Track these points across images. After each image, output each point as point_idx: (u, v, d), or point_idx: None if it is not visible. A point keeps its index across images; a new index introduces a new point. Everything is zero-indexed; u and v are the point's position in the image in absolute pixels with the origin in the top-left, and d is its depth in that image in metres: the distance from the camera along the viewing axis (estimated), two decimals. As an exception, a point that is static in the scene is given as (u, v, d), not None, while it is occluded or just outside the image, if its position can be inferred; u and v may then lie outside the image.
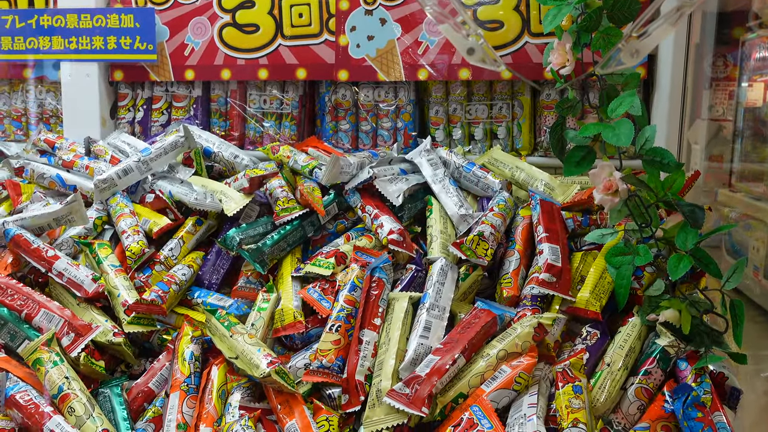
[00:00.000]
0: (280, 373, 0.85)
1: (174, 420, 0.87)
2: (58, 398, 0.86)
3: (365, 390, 0.86)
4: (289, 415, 0.83)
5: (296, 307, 0.99)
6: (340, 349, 0.90)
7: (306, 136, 1.37)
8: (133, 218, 1.13)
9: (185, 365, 0.92)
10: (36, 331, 0.96)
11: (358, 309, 0.94)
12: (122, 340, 0.97)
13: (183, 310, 1.04)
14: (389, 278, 0.97)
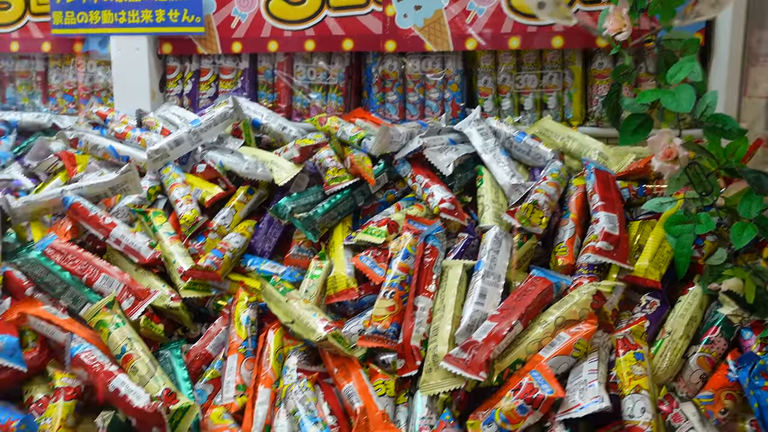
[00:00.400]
0: (337, 337, 0.86)
1: (233, 381, 0.88)
2: (121, 358, 0.88)
3: (421, 355, 0.86)
4: (346, 378, 0.84)
5: (349, 275, 0.99)
6: (395, 315, 0.91)
7: (352, 108, 1.37)
8: (186, 187, 1.14)
9: (242, 329, 0.93)
10: (97, 295, 0.98)
11: (411, 276, 0.94)
12: (179, 304, 0.99)
13: (237, 277, 1.05)
14: (442, 246, 0.97)
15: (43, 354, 0.95)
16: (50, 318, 0.94)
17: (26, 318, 0.96)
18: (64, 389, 0.88)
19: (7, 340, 0.92)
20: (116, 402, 0.83)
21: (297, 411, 0.79)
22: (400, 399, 0.86)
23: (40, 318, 0.95)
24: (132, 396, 0.82)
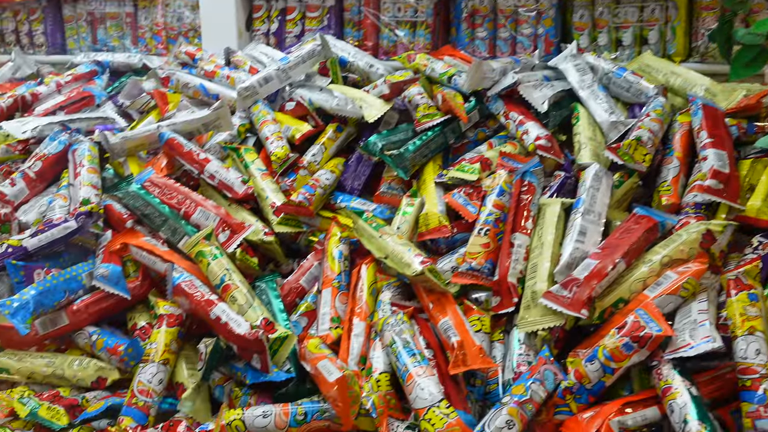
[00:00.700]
0: (433, 271, 0.85)
1: (328, 314, 0.90)
2: (220, 288, 0.90)
3: (518, 292, 0.85)
4: (441, 313, 0.84)
5: (440, 212, 0.98)
6: (490, 252, 0.89)
7: (440, 45, 1.34)
8: (276, 125, 1.15)
9: (335, 263, 0.94)
10: (194, 228, 1.00)
11: (506, 214, 0.92)
12: (273, 239, 1.00)
13: (328, 213, 1.05)
14: (539, 183, 0.94)
15: (145, 283, 0.99)
16: (151, 249, 0.97)
17: (128, 248, 0.99)
18: (167, 316, 0.91)
19: (112, 268, 0.96)
20: (217, 329, 0.85)
21: (394, 343, 0.80)
22: (495, 336, 0.86)
23: (142, 248, 0.98)
24: (233, 324, 0.83)
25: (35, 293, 0.91)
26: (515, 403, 0.72)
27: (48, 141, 1.18)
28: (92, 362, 0.92)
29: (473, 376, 0.81)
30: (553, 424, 0.75)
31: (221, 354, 0.85)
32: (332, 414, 0.75)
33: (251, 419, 0.77)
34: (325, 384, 0.73)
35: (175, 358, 0.90)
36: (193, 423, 0.84)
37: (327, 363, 0.77)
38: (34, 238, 0.98)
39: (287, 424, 0.76)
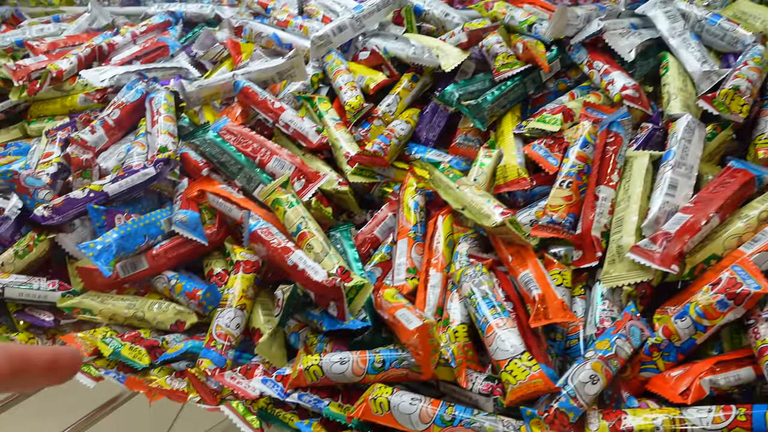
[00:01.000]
0: (514, 223, 0.83)
1: (404, 264, 0.89)
2: (296, 236, 0.90)
3: (602, 246, 0.82)
4: (521, 266, 0.81)
5: (519, 164, 0.95)
6: (572, 205, 0.86)
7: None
8: (349, 75, 1.13)
9: (411, 214, 0.93)
10: (269, 176, 1.00)
11: (590, 166, 0.88)
12: (347, 189, 1.00)
13: (402, 165, 1.04)
14: (626, 134, 0.90)
15: (221, 230, 1.00)
16: (228, 196, 0.98)
17: (205, 195, 1.00)
18: (243, 263, 0.91)
19: (190, 214, 0.97)
20: (294, 276, 0.85)
21: (473, 294, 0.78)
22: (576, 291, 0.83)
23: (218, 195, 0.98)
24: (310, 271, 0.83)
25: (117, 236, 0.93)
26: (600, 358, 0.70)
27: (125, 90, 1.20)
28: (171, 306, 0.94)
29: (553, 330, 0.79)
30: (638, 381, 0.72)
31: (298, 301, 0.85)
32: (411, 363, 0.74)
33: (329, 365, 0.77)
34: (405, 332, 0.73)
35: (252, 304, 0.91)
36: (270, 367, 0.85)
37: (406, 311, 0.76)
38: (115, 183, 1.00)
39: (365, 371, 0.76)
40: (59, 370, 0.34)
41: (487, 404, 0.71)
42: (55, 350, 0.34)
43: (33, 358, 0.32)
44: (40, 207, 0.99)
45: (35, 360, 0.32)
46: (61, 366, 0.34)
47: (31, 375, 0.32)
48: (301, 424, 0.78)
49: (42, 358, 0.33)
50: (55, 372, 0.33)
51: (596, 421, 0.67)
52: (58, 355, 0.34)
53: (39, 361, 0.32)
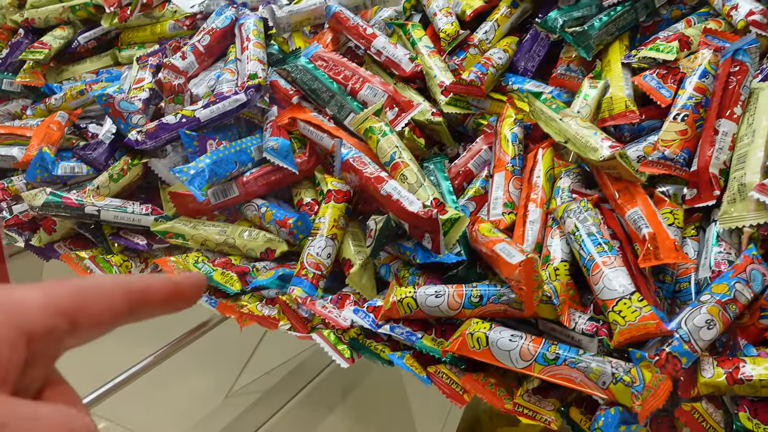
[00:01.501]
0: (624, 157, 0.77)
1: (501, 198, 0.85)
2: (390, 166, 0.87)
3: (720, 185, 0.76)
4: (630, 203, 0.76)
5: (627, 96, 0.89)
6: (687, 140, 0.80)
7: None
8: (444, 0, 1.08)
9: (509, 146, 0.88)
10: (360, 105, 0.98)
11: (709, 99, 0.82)
12: (441, 119, 0.96)
13: (499, 96, 0.99)
14: (753, 64, 0.82)
15: (311, 160, 0.98)
16: (319, 124, 0.96)
17: (296, 123, 0.98)
18: (335, 192, 0.90)
19: (281, 142, 0.95)
20: (388, 206, 0.82)
21: (577, 230, 0.74)
22: (687, 232, 0.78)
23: (310, 123, 0.96)
24: (405, 201, 0.81)
25: (210, 162, 0.93)
26: (717, 302, 0.65)
27: (215, 15, 1.18)
28: (261, 234, 0.93)
29: (662, 272, 0.74)
30: (757, 329, 0.67)
31: (391, 232, 0.83)
32: (511, 298, 0.71)
33: (423, 297, 0.75)
34: (507, 266, 0.69)
35: (342, 234, 0.89)
36: (360, 298, 0.84)
37: (506, 246, 0.72)
38: (206, 109, 0.99)
39: (461, 305, 0.73)
40: (180, 301, 0.33)
41: (591, 345, 0.68)
42: (176, 281, 0.33)
43: (153, 291, 0.31)
44: (133, 131, 1.00)
45: (155, 293, 0.31)
46: (182, 297, 0.33)
47: (150, 308, 0.31)
48: (393, 356, 0.77)
49: (163, 291, 0.32)
50: (175, 303, 0.32)
51: (710, 368, 0.63)
52: (179, 286, 0.32)
53: (159, 294, 0.31)
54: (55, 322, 0.27)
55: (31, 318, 0.26)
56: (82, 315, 0.28)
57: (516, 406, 0.68)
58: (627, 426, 0.61)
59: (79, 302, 0.28)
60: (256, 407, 1.35)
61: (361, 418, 1.36)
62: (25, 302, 0.26)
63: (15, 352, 0.25)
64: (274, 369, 1.52)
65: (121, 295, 0.29)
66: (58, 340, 0.27)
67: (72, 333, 0.28)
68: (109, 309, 0.29)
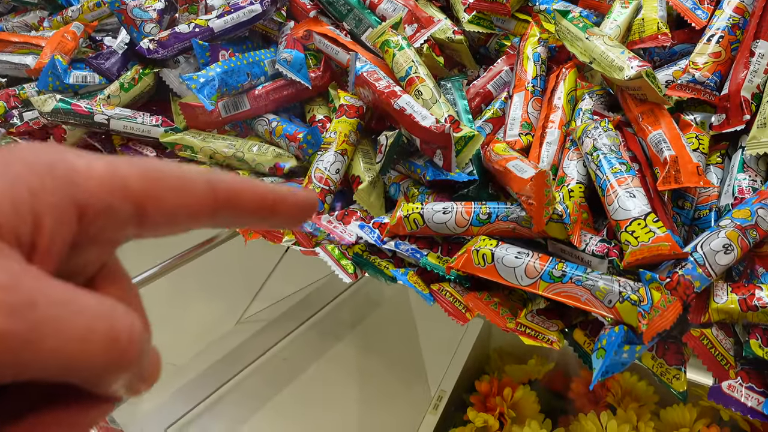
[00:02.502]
0: (650, 76, 0.73)
1: (519, 118, 0.81)
2: (405, 81, 0.84)
3: (751, 110, 0.72)
4: (653, 125, 0.73)
5: (661, 18, 0.84)
6: (720, 63, 0.75)
7: None
8: None
9: (531, 65, 0.84)
10: (379, 19, 0.94)
11: (747, 20, 0.77)
12: (462, 38, 0.92)
13: (524, 17, 0.94)
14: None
15: (326, 75, 0.95)
16: (335, 37, 0.92)
17: (312, 36, 0.94)
18: (347, 107, 0.87)
19: (295, 54, 0.92)
20: (400, 120, 0.79)
21: (596, 150, 0.71)
22: (712, 159, 0.74)
23: (325, 36, 0.93)
24: (418, 116, 0.78)
25: (220, 71, 0.90)
26: (737, 227, 0.62)
27: (234, -74, 1.14)
28: (271, 148, 0.91)
29: (682, 197, 0.71)
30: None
31: (402, 147, 0.81)
32: (520, 216, 0.68)
33: (431, 213, 0.72)
34: (518, 181, 0.66)
35: (353, 150, 0.87)
36: (367, 216, 0.82)
37: (518, 162, 0.69)
38: (220, 19, 0.96)
39: (468, 222, 0.71)
40: (276, 217, 0.28)
41: (601, 266, 0.65)
42: (277, 193, 0.28)
43: (245, 197, 0.26)
44: (145, 40, 0.97)
45: (247, 200, 0.26)
46: (280, 213, 0.28)
47: (238, 216, 0.26)
48: (396, 272, 0.75)
49: (258, 200, 0.27)
50: (271, 218, 0.28)
51: (724, 294, 0.60)
52: (279, 199, 0.27)
53: (252, 203, 0.26)
54: (117, 204, 0.22)
55: (87, 190, 0.22)
56: (152, 204, 0.23)
57: (518, 325, 0.66)
58: (631, 346, 0.58)
59: (151, 188, 0.23)
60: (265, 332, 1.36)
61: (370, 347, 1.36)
62: (85, 172, 0.22)
63: (62, 226, 0.21)
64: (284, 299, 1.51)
65: (205, 192, 0.25)
66: (119, 226, 0.23)
67: (138, 222, 0.23)
68: (187, 204, 0.24)
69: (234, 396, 1.29)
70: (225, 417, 1.24)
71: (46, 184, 0.21)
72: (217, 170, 0.26)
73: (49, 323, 0.18)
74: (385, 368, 1.37)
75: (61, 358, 0.18)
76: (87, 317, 0.19)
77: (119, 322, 0.20)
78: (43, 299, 0.18)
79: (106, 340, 0.19)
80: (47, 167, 0.21)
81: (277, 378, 1.33)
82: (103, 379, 0.20)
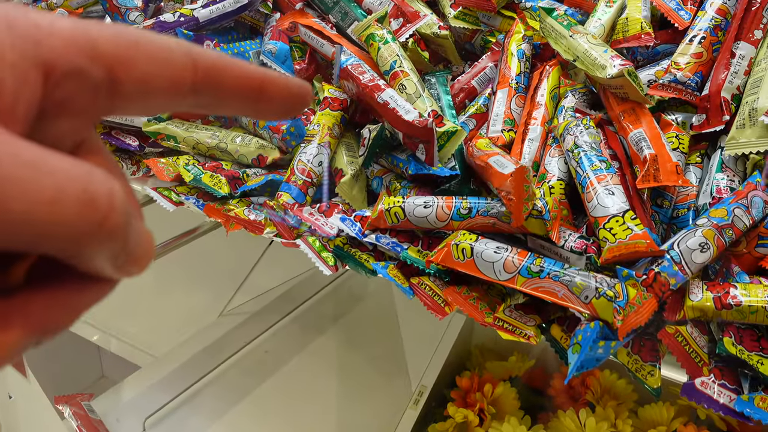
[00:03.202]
0: (632, 75, 0.74)
1: (501, 114, 0.82)
2: (389, 75, 0.84)
3: (730, 110, 0.72)
4: (634, 123, 0.73)
5: (644, 18, 0.85)
6: (701, 63, 0.76)
7: None
8: None
9: (515, 62, 0.85)
10: (365, 12, 0.94)
11: (729, 22, 0.77)
12: (448, 33, 0.92)
13: (510, 13, 0.94)
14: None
15: (310, 68, 0.95)
16: (321, 29, 0.92)
17: (297, 28, 0.94)
18: (331, 99, 0.87)
19: (280, 45, 0.92)
20: (384, 114, 0.79)
21: (576, 147, 0.71)
22: (691, 158, 0.75)
23: (311, 29, 0.93)
24: (401, 110, 0.78)
25: (205, 61, 0.89)
26: (713, 225, 0.63)
27: None
28: (254, 140, 0.91)
29: (661, 196, 0.71)
30: (753, 257, 0.65)
31: (385, 141, 0.81)
32: (500, 211, 0.69)
33: (411, 207, 0.73)
34: (498, 176, 0.67)
35: (336, 143, 0.87)
36: (349, 209, 0.82)
37: (500, 158, 0.70)
38: (206, 9, 0.96)
39: (449, 216, 0.71)
40: (263, 100, 0.25)
41: (579, 262, 0.66)
42: (266, 73, 0.25)
43: (229, 72, 0.23)
44: (130, 28, 0.96)
45: (231, 77, 0.24)
46: (268, 95, 0.25)
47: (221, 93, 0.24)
48: (377, 265, 0.75)
49: (242, 78, 0.24)
50: (256, 101, 0.25)
51: (699, 292, 0.61)
52: (268, 80, 0.25)
53: (236, 80, 0.24)
54: (85, 66, 0.20)
55: (52, 49, 0.19)
56: (125, 70, 0.21)
57: (496, 320, 0.67)
58: (606, 342, 0.59)
59: (123, 53, 0.21)
60: (248, 324, 1.35)
61: (352, 341, 1.36)
62: (48, 29, 0.20)
63: (25, 86, 0.19)
64: (267, 291, 1.51)
65: (184, 63, 0.22)
66: (89, 92, 0.20)
67: (110, 91, 0.21)
68: (163, 75, 0.22)
69: (215, 387, 1.29)
70: (205, 408, 1.24)
71: (4, 42, 0.19)
72: (197, 45, 0.24)
73: (13, 183, 0.16)
74: (367, 362, 1.37)
75: (29, 223, 0.17)
76: (57, 178, 0.17)
77: (96, 184, 0.18)
78: (6, 158, 0.16)
79: (80, 202, 0.17)
80: (5, 24, 0.19)
81: (259, 370, 1.32)
82: (84, 250, 0.18)
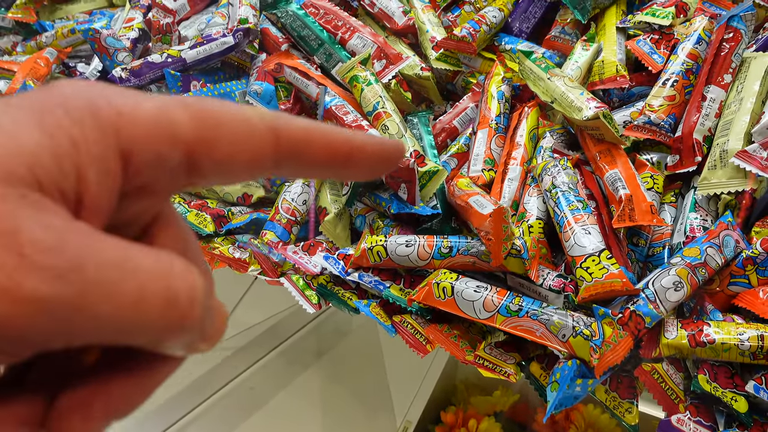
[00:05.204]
0: (607, 117, 0.76)
1: (482, 154, 0.84)
2: (372, 115, 0.86)
3: (702, 151, 0.75)
4: (610, 164, 0.75)
5: (620, 60, 0.87)
6: (674, 106, 0.78)
7: None
8: (443, -44, 1.05)
9: (495, 103, 0.87)
10: (349, 54, 0.96)
11: (701, 65, 0.80)
12: (430, 74, 0.94)
13: (490, 55, 0.97)
14: (747, 32, 0.80)
15: (295, 107, 0.97)
16: (305, 71, 0.94)
17: (282, 69, 0.96)
18: (315, 139, 0.88)
19: (265, 86, 0.94)
20: (366, 155, 0.81)
21: (554, 188, 0.73)
22: (666, 198, 0.77)
23: (296, 70, 0.95)
24: (383, 150, 0.79)
25: (191, 101, 0.91)
26: (687, 265, 0.64)
27: (211, -41, 1.16)
28: (240, 178, 0.92)
29: (637, 235, 0.73)
30: (725, 295, 0.67)
31: (368, 181, 0.82)
32: (480, 250, 0.70)
33: (394, 246, 0.74)
34: (478, 217, 0.68)
35: (320, 182, 0.88)
36: (333, 247, 0.83)
37: (479, 198, 0.71)
38: (193, 50, 0.98)
39: (431, 255, 0.72)
40: (350, 167, 0.24)
41: (557, 301, 0.67)
42: (352, 138, 0.24)
43: (313, 143, 0.23)
44: (118, 68, 0.98)
45: (315, 147, 0.23)
46: (356, 162, 0.24)
47: (304, 165, 0.23)
48: (359, 303, 0.76)
49: (327, 147, 0.23)
50: (342, 168, 0.24)
51: (674, 330, 0.62)
52: (355, 145, 0.24)
53: (320, 151, 0.23)
54: (166, 152, 0.20)
55: (132, 138, 0.19)
56: (204, 153, 0.21)
57: (477, 358, 0.68)
58: (584, 380, 0.60)
59: (203, 136, 0.21)
60: (233, 360, 1.35)
61: (337, 376, 1.36)
62: (130, 117, 0.20)
63: (108, 178, 0.19)
64: (252, 327, 1.51)
65: (266, 140, 0.22)
66: (169, 175, 0.21)
67: (189, 172, 0.21)
68: (245, 151, 0.21)
69: (200, 424, 1.28)
70: (190, 446, 1.23)
71: (88, 135, 0.19)
72: (283, 114, 0.23)
73: (100, 286, 0.16)
74: (352, 397, 1.37)
75: (114, 324, 0.17)
76: (141, 278, 0.17)
77: (178, 281, 0.18)
78: (92, 260, 0.16)
79: (163, 302, 0.18)
80: (90, 113, 0.19)
81: (244, 406, 1.32)
82: (164, 343, 0.19)
